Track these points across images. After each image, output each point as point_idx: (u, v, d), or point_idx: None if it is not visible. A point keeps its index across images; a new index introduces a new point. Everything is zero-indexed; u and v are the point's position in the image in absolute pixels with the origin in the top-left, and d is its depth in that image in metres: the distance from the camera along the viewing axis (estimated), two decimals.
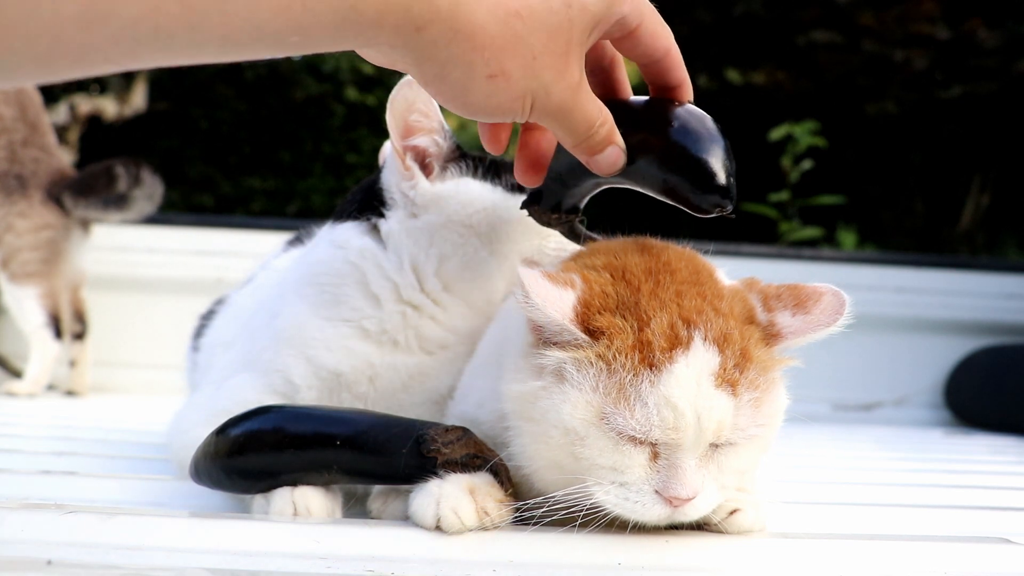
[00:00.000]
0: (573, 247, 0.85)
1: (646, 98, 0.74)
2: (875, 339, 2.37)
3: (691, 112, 0.71)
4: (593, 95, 0.69)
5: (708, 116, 0.71)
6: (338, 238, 0.94)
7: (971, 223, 7.64)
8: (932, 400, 2.49)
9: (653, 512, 0.66)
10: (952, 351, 2.45)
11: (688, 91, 0.74)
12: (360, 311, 0.90)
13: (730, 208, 0.68)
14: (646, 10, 0.69)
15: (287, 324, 0.92)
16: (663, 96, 0.74)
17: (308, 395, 0.90)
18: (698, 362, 0.65)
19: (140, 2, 0.48)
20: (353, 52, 0.62)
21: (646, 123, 0.71)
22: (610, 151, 0.70)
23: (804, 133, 3.79)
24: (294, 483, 0.77)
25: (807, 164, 3.80)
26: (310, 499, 0.76)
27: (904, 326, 2.49)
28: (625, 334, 0.66)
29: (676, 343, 0.65)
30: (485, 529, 0.70)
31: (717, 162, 0.67)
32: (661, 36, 0.70)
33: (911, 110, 7.59)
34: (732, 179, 0.68)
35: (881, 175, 7.92)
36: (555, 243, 0.90)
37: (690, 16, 8.67)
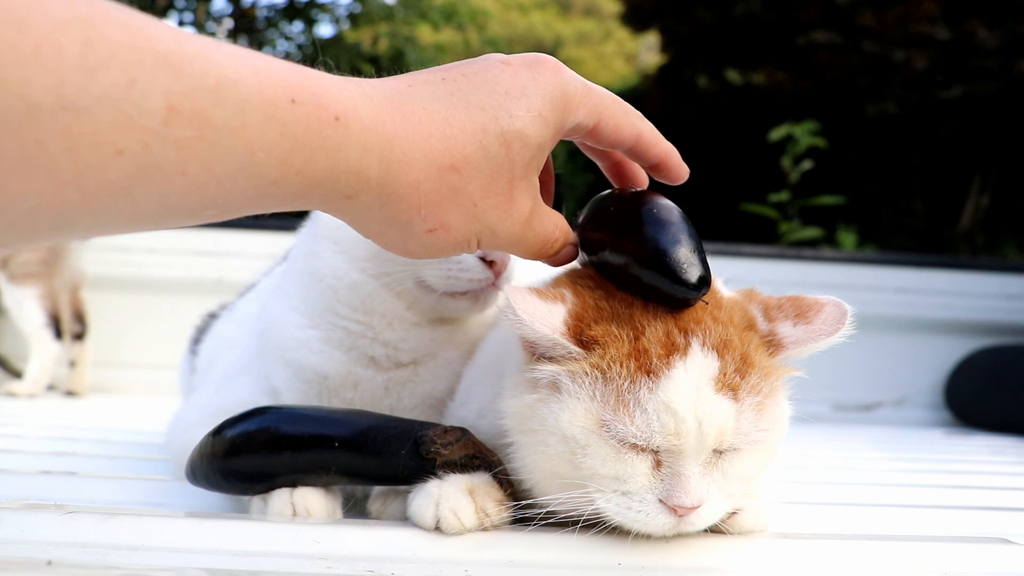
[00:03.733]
0: (472, 274, 0.82)
1: (620, 194, 0.73)
2: (875, 339, 2.37)
3: (661, 208, 0.69)
4: (547, 212, 0.67)
5: (676, 208, 0.70)
6: (299, 240, 0.93)
7: (971, 223, 7.65)
8: (932, 400, 2.49)
9: (657, 522, 0.65)
10: (952, 351, 2.45)
11: (672, 162, 0.72)
12: (323, 320, 0.88)
13: (704, 293, 0.68)
14: (603, 107, 0.66)
15: (266, 326, 0.91)
16: (654, 174, 0.73)
17: (289, 398, 0.88)
18: (697, 367, 0.65)
19: (37, 194, 0.44)
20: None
21: (620, 225, 0.70)
22: (564, 253, 0.71)
23: (804, 133, 3.80)
24: (293, 484, 0.76)
25: (807, 164, 3.80)
26: (310, 500, 0.75)
27: (904, 326, 2.49)
28: (620, 342, 0.65)
29: (673, 349, 0.65)
30: (485, 530, 0.70)
31: (690, 256, 0.67)
32: (624, 126, 0.68)
33: (911, 110, 7.60)
34: (705, 269, 0.67)
35: (881, 175, 7.93)
36: (436, 272, 0.82)
37: (690, 16, 8.68)
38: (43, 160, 0.43)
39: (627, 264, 0.68)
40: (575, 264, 0.75)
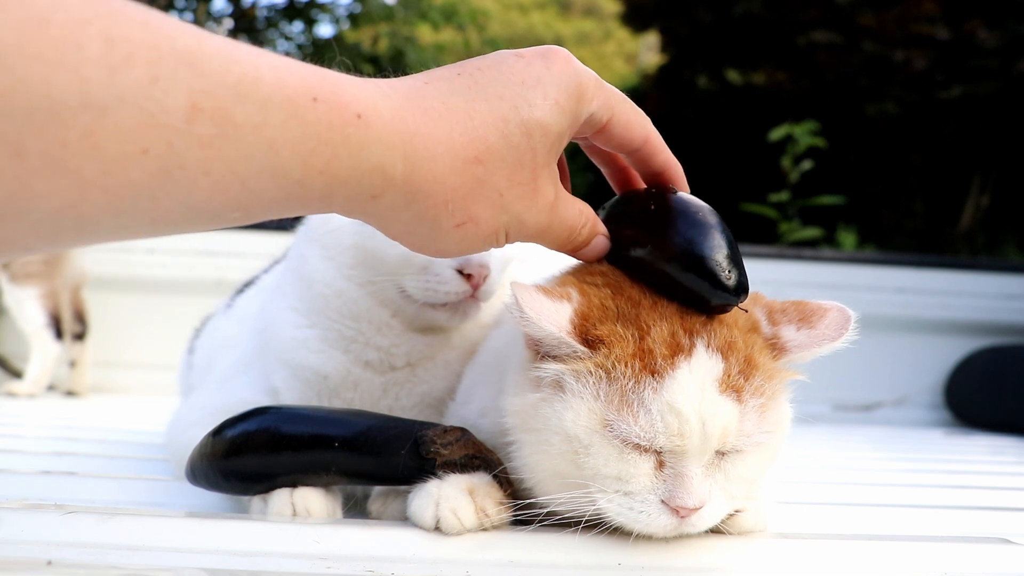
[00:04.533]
0: (450, 287, 0.82)
1: (659, 192, 0.72)
2: (875, 339, 2.37)
3: (703, 211, 0.69)
4: (571, 199, 0.67)
5: (714, 211, 0.69)
6: (295, 240, 0.93)
7: (971, 223, 7.65)
8: (932, 400, 2.49)
9: (659, 522, 0.65)
10: (952, 351, 2.45)
11: (675, 173, 0.72)
12: (319, 320, 0.88)
13: (743, 300, 0.68)
14: (615, 102, 0.66)
15: (266, 325, 0.91)
16: (656, 181, 0.72)
17: (289, 398, 0.88)
18: (701, 368, 0.65)
19: (62, 194, 0.44)
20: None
21: (661, 224, 0.69)
22: (595, 243, 0.70)
23: (804, 133, 3.80)
24: (293, 484, 0.76)
25: (807, 164, 3.81)
26: (310, 500, 0.75)
27: (904, 326, 2.49)
28: (625, 342, 0.65)
29: (678, 350, 0.65)
30: (485, 530, 0.70)
31: (729, 259, 0.66)
32: (635, 125, 0.68)
33: (911, 110, 7.60)
34: (744, 276, 0.67)
35: (881, 175, 7.93)
36: (415, 283, 0.83)
37: (690, 16, 8.68)
38: (67, 160, 0.43)
39: (663, 264, 0.67)
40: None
